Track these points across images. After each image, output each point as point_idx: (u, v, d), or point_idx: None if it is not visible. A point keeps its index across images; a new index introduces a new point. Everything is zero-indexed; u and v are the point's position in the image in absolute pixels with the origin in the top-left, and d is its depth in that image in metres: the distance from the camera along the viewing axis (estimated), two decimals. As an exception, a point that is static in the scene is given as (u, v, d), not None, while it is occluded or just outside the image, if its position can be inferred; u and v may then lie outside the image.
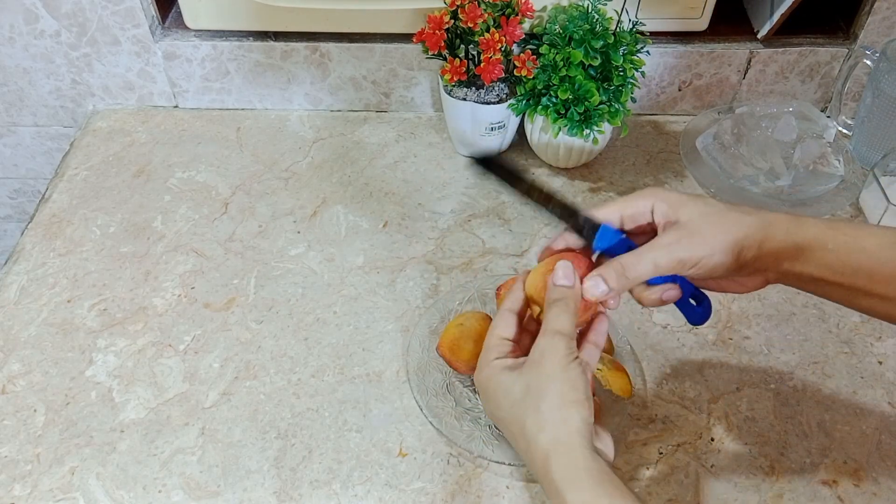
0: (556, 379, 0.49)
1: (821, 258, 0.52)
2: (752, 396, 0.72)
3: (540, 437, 0.48)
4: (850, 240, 0.51)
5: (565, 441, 0.48)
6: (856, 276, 0.51)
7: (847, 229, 0.52)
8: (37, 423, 0.69)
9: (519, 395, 0.50)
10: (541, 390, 0.49)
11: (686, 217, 0.53)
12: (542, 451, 0.48)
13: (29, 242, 0.85)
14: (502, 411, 0.51)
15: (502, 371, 0.52)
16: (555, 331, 0.51)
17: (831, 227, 0.52)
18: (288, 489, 0.65)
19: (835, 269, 0.52)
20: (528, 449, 0.49)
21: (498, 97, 0.88)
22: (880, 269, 0.50)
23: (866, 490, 0.65)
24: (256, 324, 0.77)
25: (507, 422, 0.51)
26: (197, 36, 0.95)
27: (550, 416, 0.49)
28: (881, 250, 0.51)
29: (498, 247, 0.85)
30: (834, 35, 0.96)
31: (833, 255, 0.51)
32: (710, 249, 0.51)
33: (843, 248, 0.51)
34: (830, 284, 0.53)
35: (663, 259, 0.52)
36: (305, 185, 0.92)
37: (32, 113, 1.02)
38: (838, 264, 0.51)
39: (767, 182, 0.89)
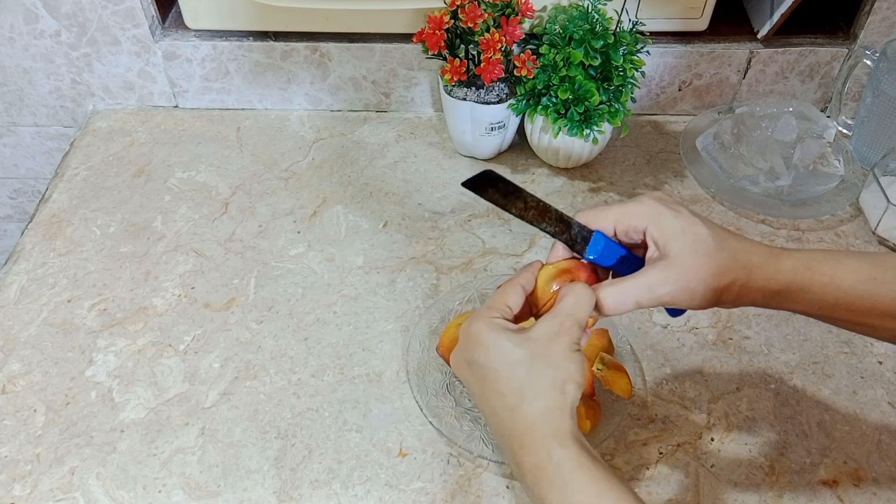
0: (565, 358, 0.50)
1: (801, 298, 0.54)
2: (752, 396, 0.72)
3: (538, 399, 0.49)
4: (827, 280, 0.53)
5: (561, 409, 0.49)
6: (834, 310, 0.54)
7: (825, 269, 0.54)
8: (37, 423, 0.69)
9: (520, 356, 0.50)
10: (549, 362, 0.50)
11: (675, 253, 0.53)
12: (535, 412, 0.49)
13: (29, 242, 0.85)
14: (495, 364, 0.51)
15: (503, 330, 0.52)
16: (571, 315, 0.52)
17: (809, 269, 0.54)
18: (288, 489, 0.65)
19: (814, 304, 0.54)
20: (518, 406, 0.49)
21: (498, 97, 0.88)
22: (859, 303, 0.52)
23: (866, 490, 0.65)
24: (256, 324, 0.77)
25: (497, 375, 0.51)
26: (197, 36, 0.95)
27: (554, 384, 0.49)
28: (858, 285, 0.52)
29: (498, 247, 0.85)
30: (834, 35, 0.96)
31: (810, 295, 0.53)
32: (692, 296, 0.53)
33: (821, 289, 0.53)
34: (809, 314, 0.56)
35: (644, 297, 0.53)
36: (305, 185, 0.92)
37: (32, 113, 1.02)
38: (817, 302, 0.54)
39: (767, 182, 0.89)
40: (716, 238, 0.54)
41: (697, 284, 0.52)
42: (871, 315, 0.53)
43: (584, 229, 0.56)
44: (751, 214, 0.88)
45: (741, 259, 0.54)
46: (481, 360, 0.51)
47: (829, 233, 0.87)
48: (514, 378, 0.50)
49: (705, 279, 0.53)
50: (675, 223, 0.54)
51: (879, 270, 0.53)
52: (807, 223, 0.88)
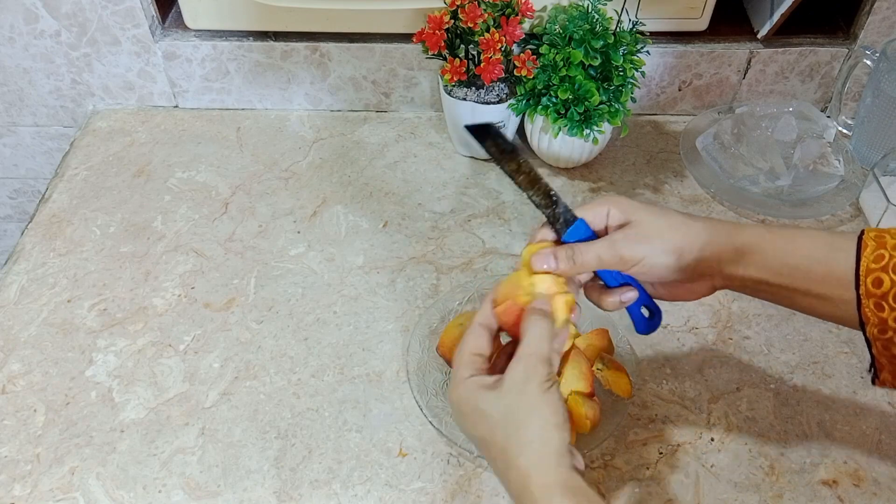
0: (537, 404, 0.50)
1: (760, 260, 0.55)
2: (752, 396, 0.72)
3: (520, 459, 0.49)
4: (785, 242, 0.54)
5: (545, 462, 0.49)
6: (793, 277, 0.54)
7: (784, 232, 0.56)
8: (37, 423, 0.69)
9: (498, 417, 0.50)
10: (522, 415, 0.50)
11: (635, 219, 0.56)
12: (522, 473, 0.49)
13: (29, 242, 0.85)
14: (479, 431, 0.52)
15: (478, 390, 0.52)
16: (533, 354, 0.52)
17: (769, 231, 0.56)
18: (288, 489, 0.65)
19: (773, 269, 0.54)
20: (507, 470, 0.50)
21: (498, 97, 0.88)
22: (815, 267, 0.53)
23: (866, 490, 0.65)
24: (256, 324, 0.77)
25: (485, 442, 0.52)
26: (197, 36, 0.95)
27: (531, 439, 0.49)
28: (815, 250, 0.53)
29: (498, 247, 0.85)
30: (834, 35, 0.96)
31: (771, 256, 0.54)
32: (651, 250, 0.55)
33: (779, 250, 0.54)
34: (771, 286, 0.55)
35: (606, 253, 0.55)
36: (305, 185, 0.92)
37: (32, 113, 1.02)
38: (776, 265, 0.54)
39: (767, 182, 0.89)
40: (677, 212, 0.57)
41: (656, 238, 0.55)
42: (827, 282, 0.52)
43: (568, 212, 0.57)
44: (751, 214, 0.88)
45: (700, 222, 0.56)
46: (470, 430, 0.53)
47: (829, 233, 0.87)
48: (497, 441, 0.50)
49: (663, 233, 0.55)
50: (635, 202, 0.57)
51: (838, 239, 0.53)
52: (807, 223, 0.88)
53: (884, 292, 0.50)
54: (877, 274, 0.50)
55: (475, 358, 0.55)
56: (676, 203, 0.90)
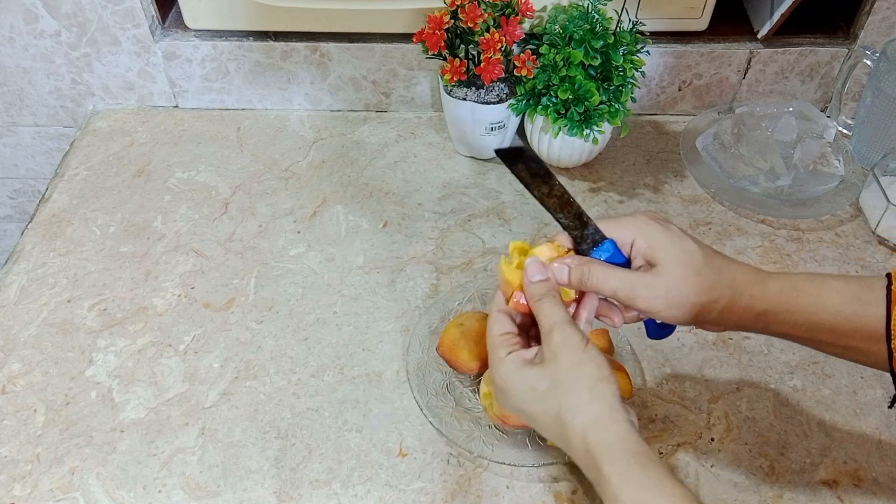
0: (580, 364, 0.50)
1: (783, 319, 0.53)
2: (752, 396, 0.72)
3: (577, 420, 0.49)
4: (812, 300, 0.53)
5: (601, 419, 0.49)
6: (819, 332, 0.53)
7: (810, 289, 0.53)
8: (37, 423, 0.69)
9: (547, 387, 0.51)
10: (569, 379, 0.50)
11: (661, 262, 0.54)
12: (580, 432, 0.49)
13: (29, 242, 0.85)
14: (528, 404, 0.52)
15: (522, 366, 0.53)
16: (558, 322, 0.52)
17: (795, 289, 0.53)
18: (288, 489, 0.65)
19: (797, 326, 0.53)
20: (565, 433, 0.50)
21: (498, 97, 0.88)
22: (843, 325, 0.52)
23: (866, 490, 0.65)
24: (256, 324, 0.77)
25: (536, 413, 0.52)
26: (197, 36, 0.95)
27: (582, 399, 0.50)
28: (843, 306, 0.52)
29: (498, 247, 0.85)
30: (834, 35, 0.96)
31: (795, 315, 0.53)
32: (669, 306, 0.53)
33: (804, 309, 0.53)
34: (796, 338, 0.55)
35: (622, 293, 0.53)
36: (305, 185, 0.92)
37: (32, 113, 1.02)
38: (801, 323, 0.53)
39: (767, 182, 0.89)
40: (704, 255, 0.54)
41: (677, 296, 0.53)
42: (855, 337, 0.52)
43: (598, 233, 0.56)
44: (751, 214, 0.88)
45: (726, 278, 0.54)
46: (519, 405, 0.53)
47: (829, 233, 0.87)
48: (550, 410, 0.51)
49: (686, 293, 0.53)
50: (663, 236, 0.54)
51: (865, 292, 0.52)
52: (807, 223, 0.88)
53: None
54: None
55: (506, 337, 0.55)
56: (676, 203, 0.90)
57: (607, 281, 0.54)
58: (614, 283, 0.54)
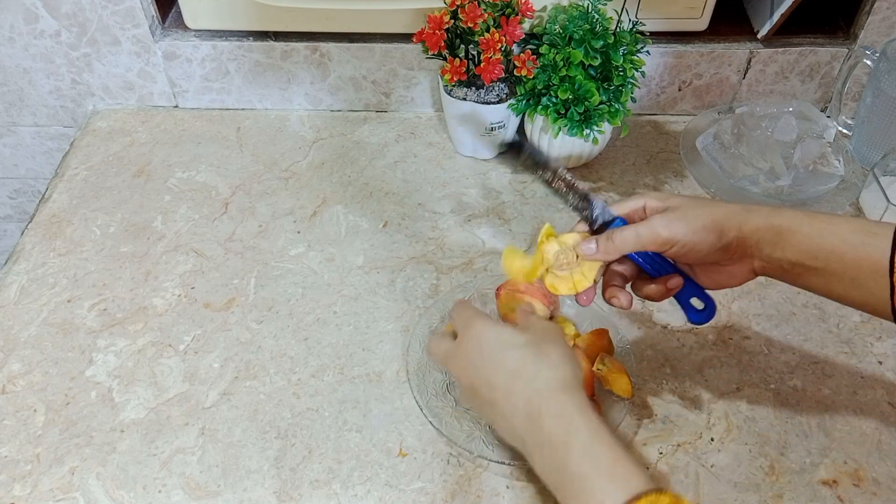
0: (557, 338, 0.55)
1: (798, 242, 0.55)
2: (752, 396, 0.72)
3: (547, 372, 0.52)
4: (824, 225, 0.55)
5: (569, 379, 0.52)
6: (829, 260, 0.54)
7: (821, 216, 0.56)
8: (37, 423, 0.69)
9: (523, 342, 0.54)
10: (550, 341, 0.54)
11: (673, 204, 0.58)
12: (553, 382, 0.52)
13: (29, 242, 0.85)
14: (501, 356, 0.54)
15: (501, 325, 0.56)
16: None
17: (807, 215, 0.56)
18: (288, 489, 0.65)
19: (810, 252, 0.55)
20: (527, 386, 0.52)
21: (498, 97, 0.88)
22: (851, 252, 0.54)
23: (866, 490, 0.65)
24: (256, 324, 0.77)
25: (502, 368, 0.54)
26: (197, 36, 0.95)
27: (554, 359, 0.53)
28: (852, 235, 0.54)
29: (498, 247, 0.85)
30: (834, 35, 0.96)
31: (809, 238, 0.55)
32: (691, 227, 0.56)
33: (817, 232, 0.55)
34: (808, 269, 0.56)
35: (645, 232, 0.57)
36: (305, 185, 0.92)
37: (32, 113, 1.02)
38: (814, 247, 0.55)
39: (767, 182, 0.89)
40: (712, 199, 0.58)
41: (694, 218, 0.56)
42: (862, 268, 0.53)
43: (607, 212, 0.59)
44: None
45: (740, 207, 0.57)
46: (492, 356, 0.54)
47: (829, 233, 0.87)
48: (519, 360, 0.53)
49: (703, 213, 0.56)
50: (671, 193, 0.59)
51: (874, 226, 0.54)
52: (807, 223, 0.87)
53: None
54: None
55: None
56: (676, 203, 0.90)
57: (627, 231, 0.57)
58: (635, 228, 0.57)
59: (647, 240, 0.57)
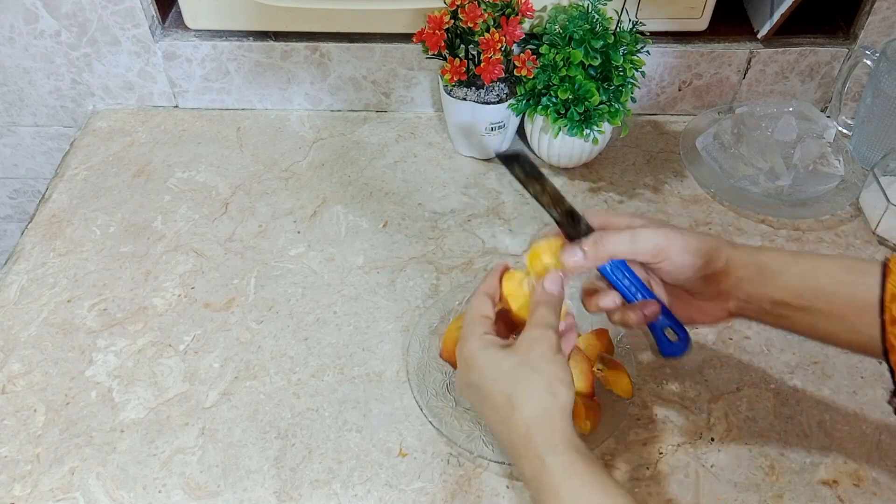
0: (547, 361, 0.52)
1: (781, 281, 0.55)
2: (752, 396, 0.72)
3: (527, 405, 0.51)
4: (808, 264, 0.54)
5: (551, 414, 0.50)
6: (815, 299, 0.54)
7: (807, 256, 0.56)
8: (37, 423, 0.69)
9: (508, 367, 0.53)
10: (533, 366, 0.52)
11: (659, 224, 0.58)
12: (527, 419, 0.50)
13: (29, 242, 0.85)
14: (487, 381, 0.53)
15: (492, 346, 0.55)
16: (545, 324, 0.54)
17: (792, 254, 0.56)
18: (288, 489, 0.65)
19: (795, 291, 0.54)
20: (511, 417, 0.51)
21: (498, 97, 0.88)
22: (839, 290, 0.53)
23: (866, 490, 0.65)
24: (256, 324, 0.77)
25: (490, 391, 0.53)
26: (197, 36, 0.95)
27: (539, 390, 0.51)
28: (839, 272, 0.53)
29: (498, 247, 0.85)
30: (834, 35, 0.96)
31: (793, 277, 0.54)
32: (673, 244, 0.55)
33: (802, 272, 0.54)
34: (792, 308, 0.55)
35: (627, 247, 0.56)
36: (305, 185, 0.92)
37: (32, 113, 1.02)
38: (798, 286, 0.54)
39: (767, 182, 0.89)
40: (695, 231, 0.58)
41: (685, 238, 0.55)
42: (850, 307, 0.52)
43: (589, 227, 0.58)
44: (751, 214, 0.88)
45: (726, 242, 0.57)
46: (476, 380, 0.54)
47: (829, 233, 0.87)
48: (504, 389, 0.52)
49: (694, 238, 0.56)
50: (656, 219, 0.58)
51: (861, 264, 0.53)
52: (807, 223, 0.88)
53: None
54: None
55: (485, 319, 0.57)
56: (676, 203, 0.90)
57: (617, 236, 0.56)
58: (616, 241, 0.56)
59: (643, 247, 0.56)
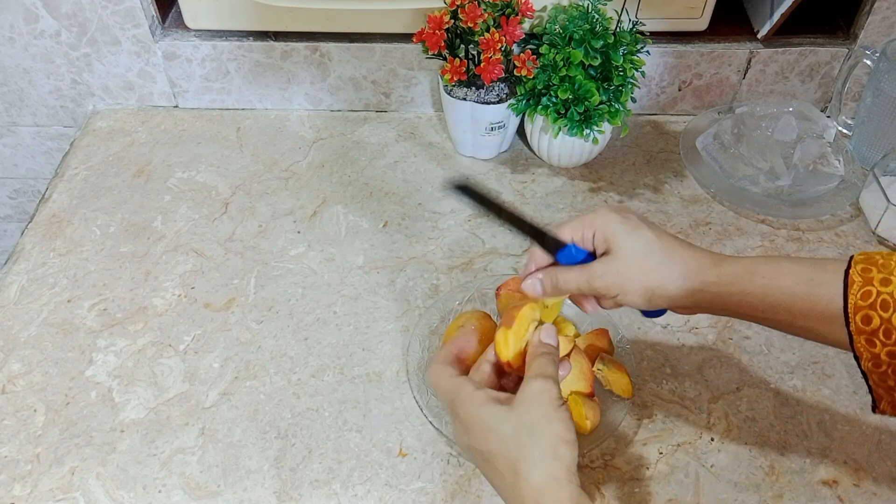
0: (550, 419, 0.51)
1: (738, 301, 0.55)
2: (752, 396, 0.72)
3: (533, 473, 0.49)
4: (766, 282, 0.54)
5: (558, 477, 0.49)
6: (775, 312, 0.54)
7: (765, 271, 0.55)
8: (37, 423, 0.69)
9: (510, 431, 0.51)
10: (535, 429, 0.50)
11: (614, 249, 0.57)
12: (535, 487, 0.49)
13: (29, 242, 0.85)
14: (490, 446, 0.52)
15: (489, 402, 0.52)
16: (546, 376, 0.53)
17: (749, 272, 0.55)
18: (288, 489, 0.65)
19: (754, 306, 0.54)
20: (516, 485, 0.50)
21: (498, 97, 0.88)
22: (798, 304, 0.53)
23: (866, 490, 0.65)
24: (256, 324, 0.77)
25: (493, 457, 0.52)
26: (197, 36, 0.95)
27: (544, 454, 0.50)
28: (797, 286, 0.53)
29: (498, 247, 0.85)
30: (834, 35, 0.96)
31: (751, 297, 0.54)
32: (623, 291, 0.56)
33: (759, 291, 0.54)
34: (752, 318, 0.56)
35: (585, 286, 0.57)
36: (305, 185, 0.92)
37: (32, 113, 1.02)
38: (757, 303, 0.54)
39: (767, 182, 0.89)
40: (659, 242, 0.56)
41: (629, 281, 0.56)
42: (810, 318, 0.52)
43: (556, 239, 0.59)
44: (751, 214, 0.88)
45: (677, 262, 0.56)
46: (476, 444, 0.53)
47: (829, 233, 0.87)
48: (507, 456, 0.51)
49: (637, 277, 0.56)
50: (619, 226, 0.57)
51: (818, 272, 0.53)
52: (807, 223, 0.88)
53: (874, 329, 0.49)
54: (865, 312, 0.49)
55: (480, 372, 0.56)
56: (676, 203, 0.90)
57: (569, 280, 0.58)
58: (575, 279, 0.57)
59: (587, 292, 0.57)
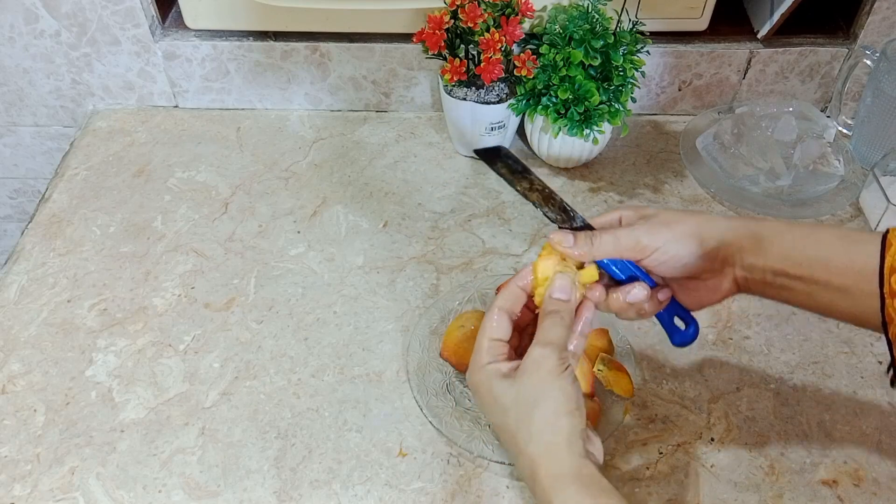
0: (547, 389, 0.50)
1: (780, 250, 0.54)
2: (752, 396, 0.72)
3: (530, 446, 0.49)
4: (806, 233, 0.54)
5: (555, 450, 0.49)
6: (813, 267, 0.53)
7: (804, 225, 0.56)
8: (37, 423, 0.69)
9: (509, 403, 0.51)
10: (532, 401, 0.50)
11: (651, 213, 0.57)
12: (531, 459, 0.49)
13: (29, 242, 0.85)
14: (493, 418, 0.53)
15: (494, 377, 0.53)
16: (548, 341, 0.52)
17: (789, 223, 0.56)
18: (288, 489, 0.65)
19: (793, 259, 0.53)
20: (518, 456, 0.50)
21: (498, 97, 0.88)
22: (835, 258, 0.52)
23: (866, 490, 0.65)
24: (256, 324, 0.77)
25: (498, 428, 0.53)
26: (197, 36, 0.95)
27: (541, 427, 0.49)
28: (835, 241, 0.53)
29: (498, 247, 0.85)
30: (834, 35, 0.96)
31: (790, 246, 0.54)
32: (671, 234, 0.55)
33: (799, 240, 0.54)
34: (791, 278, 0.54)
35: (624, 237, 0.55)
36: (305, 185, 0.92)
37: (32, 113, 1.02)
38: (796, 255, 0.53)
39: (767, 182, 0.89)
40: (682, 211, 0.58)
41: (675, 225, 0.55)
42: (848, 275, 0.51)
43: (584, 222, 0.57)
44: (751, 214, 0.88)
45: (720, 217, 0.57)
46: (487, 413, 0.53)
47: (829, 233, 0.87)
48: (507, 427, 0.51)
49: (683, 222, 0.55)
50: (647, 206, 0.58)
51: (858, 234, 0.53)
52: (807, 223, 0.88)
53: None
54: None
55: (494, 343, 0.55)
56: (676, 203, 0.90)
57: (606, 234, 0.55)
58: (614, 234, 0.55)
59: (626, 246, 0.55)
